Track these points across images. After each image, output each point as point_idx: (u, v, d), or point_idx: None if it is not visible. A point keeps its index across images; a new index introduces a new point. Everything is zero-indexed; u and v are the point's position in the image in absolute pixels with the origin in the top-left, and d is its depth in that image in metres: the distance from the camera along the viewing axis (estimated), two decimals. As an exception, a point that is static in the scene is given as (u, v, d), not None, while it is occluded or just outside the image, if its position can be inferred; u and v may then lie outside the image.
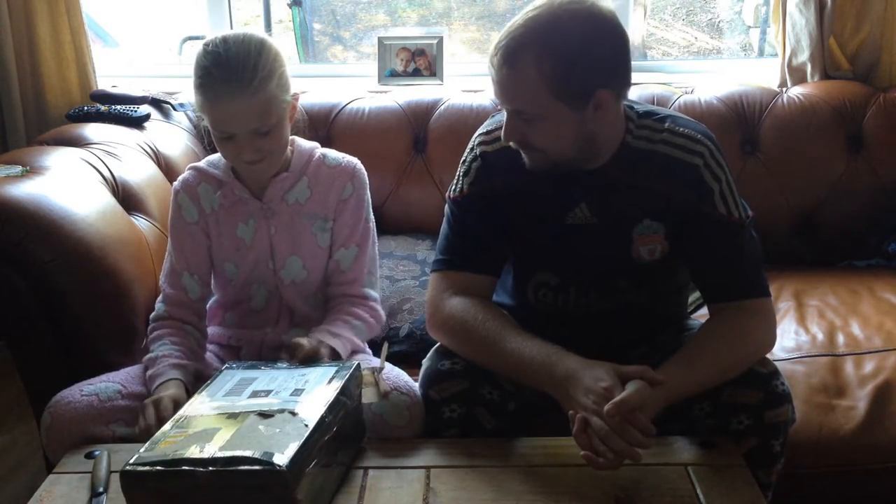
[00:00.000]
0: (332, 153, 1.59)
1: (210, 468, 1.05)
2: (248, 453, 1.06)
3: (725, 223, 1.35)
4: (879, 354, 1.68)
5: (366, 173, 1.59)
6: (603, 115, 1.28)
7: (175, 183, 1.57)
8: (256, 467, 1.05)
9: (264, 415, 1.15)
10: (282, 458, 1.05)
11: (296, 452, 1.07)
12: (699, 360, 1.29)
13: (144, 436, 1.22)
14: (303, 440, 1.09)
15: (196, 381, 1.42)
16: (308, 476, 1.09)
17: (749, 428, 1.30)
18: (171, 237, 1.56)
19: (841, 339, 1.74)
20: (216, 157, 1.55)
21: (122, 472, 1.08)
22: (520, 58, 1.23)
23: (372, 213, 1.60)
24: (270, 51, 1.40)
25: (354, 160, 1.59)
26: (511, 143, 1.33)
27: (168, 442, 1.11)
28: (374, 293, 1.58)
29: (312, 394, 1.21)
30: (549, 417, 1.32)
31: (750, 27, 3.36)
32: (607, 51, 1.25)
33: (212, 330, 1.61)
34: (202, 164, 1.58)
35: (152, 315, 1.54)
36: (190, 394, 1.36)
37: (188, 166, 1.59)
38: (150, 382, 1.41)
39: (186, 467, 1.06)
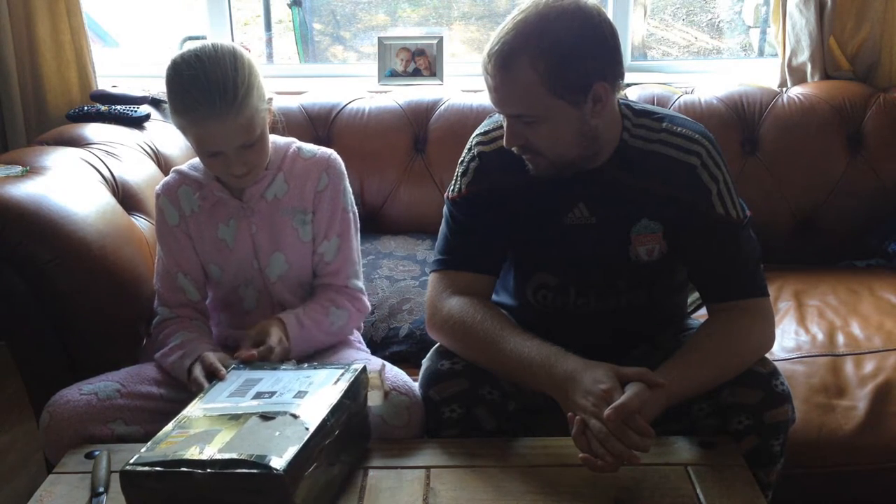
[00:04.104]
0: (308, 146, 1.58)
1: (208, 470, 1.05)
2: (245, 456, 1.06)
3: (723, 223, 1.35)
4: (879, 354, 1.68)
5: (342, 163, 1.58)
6: (602, 110, 1.28)
7: (157, 186, 1.57)
8: (253, 470, 1.04)
9: (265, 417, 1.15)
10: (279, 462, 1.05)
11: (294, 456, 1.06)
12: (698, 361, 1.29)
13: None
14: (302, 443, 1.09)
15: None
16: (307, 479, 1.09)
17: (749, 428, 1.30)
18: (158, 241, 1.56)
19: (841, 339, 1.74)
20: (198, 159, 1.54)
21: (122, 472, 1.08)
22: (514, 61, 1.23)
23: (353, 203, 1.59)
24: (244, 62, 1.38)
25: (329, 151, 1.58)
26: (514, 149, 1.33)
27: (169, 442, 1.11)
28: (359, 283, 1.58)
29: (316, 396, 1.20)
30: (549, 418, 1.33)
31: (750, 27, 3.35)
32: (599, 43, 1.25)
33: (210, 330, 1.60)
34: (184, 166, 1.57)
35: (155, 320, 1.54)
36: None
37: (172, 169, 1.59)
38: (179, 366, 1.41)
39: (185, 468, 1.06)
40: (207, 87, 1.34)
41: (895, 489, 1.55)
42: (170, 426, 1.16)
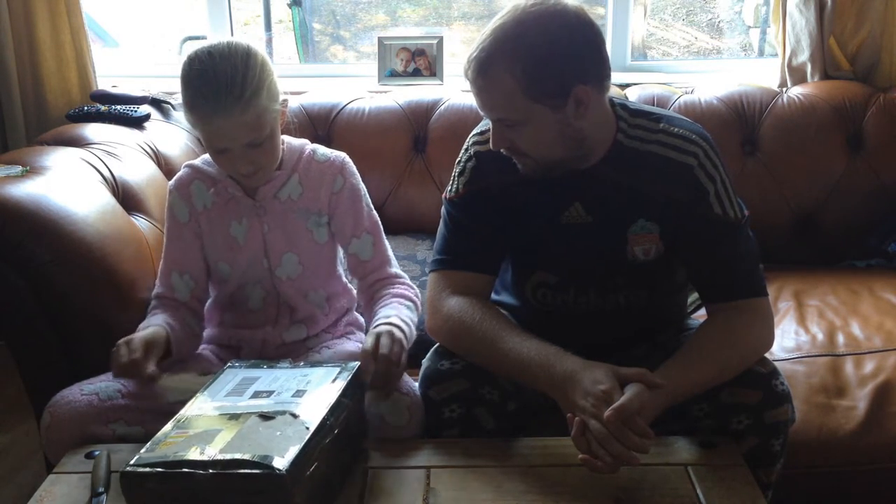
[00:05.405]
0: (322, 149, 1.58)
1: (210, 471, 1.05)
2: (247, 456, 1.05)
3: (721, 223, 1.35)
4: (879, 354, 1.68)
5: (354, 166, 1.59)
6: (585, 112, 1.28)
7: (170, 182, 1.57)
8: (256, 471, 1.04)
9: (265, 416, 1.15)
10: (281, 462, 1.04)
11: (296, 456, 1.06)
12: (698, 362, 1.29)
13: (121, 374, 1.35)
14: (303, 443, 1.09)
15: (179, 349, 1.45)
16: (308, 479, 1.09)
17: (749, 428, 1.30)
18: (165, 237, 1.56)
19: (841, 339, 1.74)
20: None
21: (123, 473, 1.08)
22: (491, 66, 1.24)
23: (372, 207, 1.60)
24: (257, 61, 1.38)
25: (343, 154, 1.59)
26: (501, 151, 1.33)
27: (169, 443, 1.11)
28: (402, 272, 1.58)
29: (314, 395, 1.21)
30: (548, 418, 1.33)
31: (750, 27, 3.36)
32: (578, 46, 1.25)
33: (211, 331, 1.60)
34: (198, 161, 1.57)
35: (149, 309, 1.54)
36: (171, 350, 1.41)
37: (184, 164, 1.59)
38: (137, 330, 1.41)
39: (186, 469, 1.06)
40: (215, 82, 1.34)
41: (895, 489, 1.55)
42: (168, 426, 1.16)
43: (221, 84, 1.34)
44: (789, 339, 1.75)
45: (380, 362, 1.32)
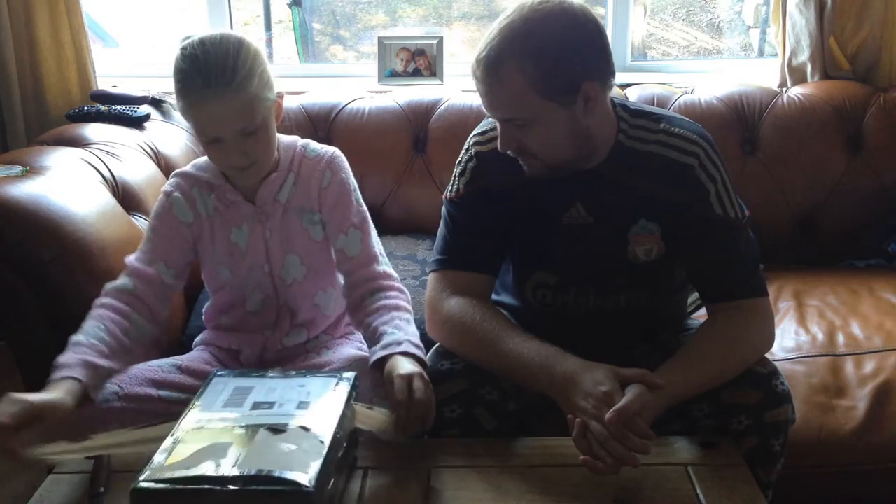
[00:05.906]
0: (314, 144, 1.56)
1: (231, 487, 1.01)
2: (270, 472, 1.02)
3: (722, 223, 1.35)
4: (879, 354, 1.68)
5: (345, 160, 1.56)
6: (594, 109, 1.28)
7: (165, 187, 1.53)
8: (281, 487, 1.00)
9: (276, 429, 1.11)
10: (306, 478, 1.01)
11: (319, 471, 1.03)
12: (698, 362, 1.29)
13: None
14: (323, 458, 1.05)
15: (104, 378, 1.33)
16: (328, 493, 1.07)
17: (749, 428, 1.29)
18: (153, 231, 1.50)
19: (841, 339, 1.74)
20: (202, 160, 1.52)
21: (134, 490, 1.02)
22: (502, 66, 1.24)
23: (363, 202, 1.56)
24: (249, 50, 1.37)
25: (333, 149, 1.56)
26: (509, 152, 1.33)
27: (176, 457, 1.06)
28: (391, 270, 1.53)
29: (318, 406, 1.17)
30: (549, 418, 1.32)
31: (750, 27, 3.36)
32: (586, 42, 1.26)
33: (209, 333, 1.60)
34: (188, 168, 1.54)
35: (111, 285, 1.43)
36: (85, 393, 1.28)
37: (173, 173, 1.55)
38: (53, 370, 1.29)
39: (206, 486, 1.01)
40: (206, 66, 1.34)
41: (895, 489, 1.55)
42: (169, 441, 1.10)
43: (212, 67, 1.33)
44: (789, 339, 1.75)
45: (414, 409, 1.24)
